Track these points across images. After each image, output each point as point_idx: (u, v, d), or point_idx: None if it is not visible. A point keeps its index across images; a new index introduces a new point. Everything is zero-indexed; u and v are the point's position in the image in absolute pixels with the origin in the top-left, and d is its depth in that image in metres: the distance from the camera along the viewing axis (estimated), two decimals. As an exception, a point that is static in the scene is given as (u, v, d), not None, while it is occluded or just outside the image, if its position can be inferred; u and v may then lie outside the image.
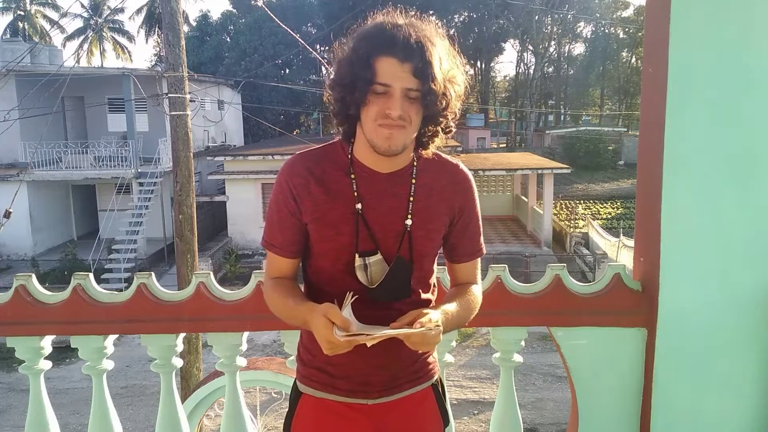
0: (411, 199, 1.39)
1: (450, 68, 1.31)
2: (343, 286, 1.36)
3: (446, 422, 1.51)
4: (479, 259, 1.53)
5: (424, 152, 1.41)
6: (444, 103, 1.30)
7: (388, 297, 1.37)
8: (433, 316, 1.24)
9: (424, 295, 1.46)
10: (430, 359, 1.50)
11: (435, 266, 1.51)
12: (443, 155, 1.47)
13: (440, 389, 1.52)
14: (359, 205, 1.36)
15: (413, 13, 1.34)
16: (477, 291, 1.50)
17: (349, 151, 1.40)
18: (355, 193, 1.37)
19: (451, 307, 1.37)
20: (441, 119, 1.34)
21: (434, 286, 1.52)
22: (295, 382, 1.50)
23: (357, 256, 1.36)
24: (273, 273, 1.47)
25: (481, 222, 1.52)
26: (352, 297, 1.26)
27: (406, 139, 1.30)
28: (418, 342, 1.22)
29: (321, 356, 1.35)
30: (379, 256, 1.36)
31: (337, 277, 1.40)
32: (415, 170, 1.41)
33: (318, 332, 1.22)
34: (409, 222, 1.38)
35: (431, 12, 43.28)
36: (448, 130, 1.40)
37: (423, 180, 1.41)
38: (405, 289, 1.39)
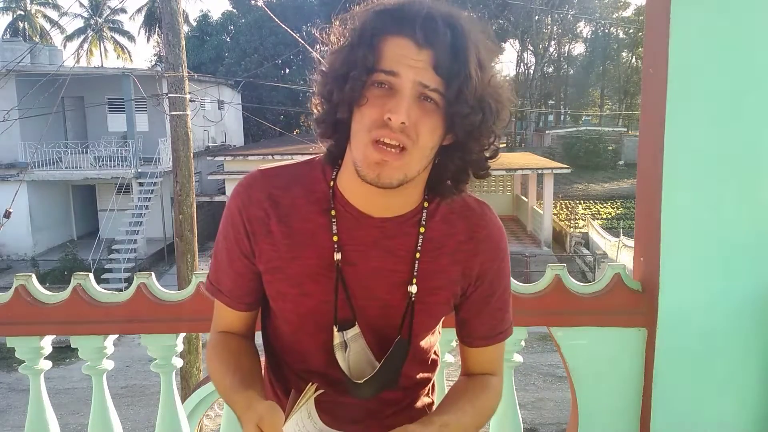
0: (417, 256, 1.00)
1: (494, 76, 0.91)
2: (310, 366, 1.04)
3: None
4: (504, 345, 1.12)
5: (438, 200, 1.02)
6: (477, 120, 0.89)
7: (369, 393, 1.01)
8: None
9: (420, 375, 1.14)
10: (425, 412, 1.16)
11: (439, 329, 1.16)
12: (465, 195, 1.03)
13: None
14: (339, 256, 0.98)
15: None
16: (494, 388, 1.10)
17: (332, 177, 1.01)
18: (335, 238, 0.99)
19: (453, 418, 0.98)
20: (471, 148, 0.93)
21: (435, 358, 1.18)
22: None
23: (335, 330, 0.99)
24: (219, 326, 1.10)
25: (510, 294, 1.11)
26: (315, 391, 0.90)
27: (407, 169, 0.90)
28: None
29: (290, 381, 1.08)
30: (356, 330, 1.00)
31: (302, 351, 1.05)
32: (424, 218, 1.01)
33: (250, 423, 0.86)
34: (413, 289, 1.00)
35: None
36: (482, 170, 0.98)
37: (432, 231, 1.01)
38: (391, 381, 1.04)
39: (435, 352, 1.17)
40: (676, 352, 1.87)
